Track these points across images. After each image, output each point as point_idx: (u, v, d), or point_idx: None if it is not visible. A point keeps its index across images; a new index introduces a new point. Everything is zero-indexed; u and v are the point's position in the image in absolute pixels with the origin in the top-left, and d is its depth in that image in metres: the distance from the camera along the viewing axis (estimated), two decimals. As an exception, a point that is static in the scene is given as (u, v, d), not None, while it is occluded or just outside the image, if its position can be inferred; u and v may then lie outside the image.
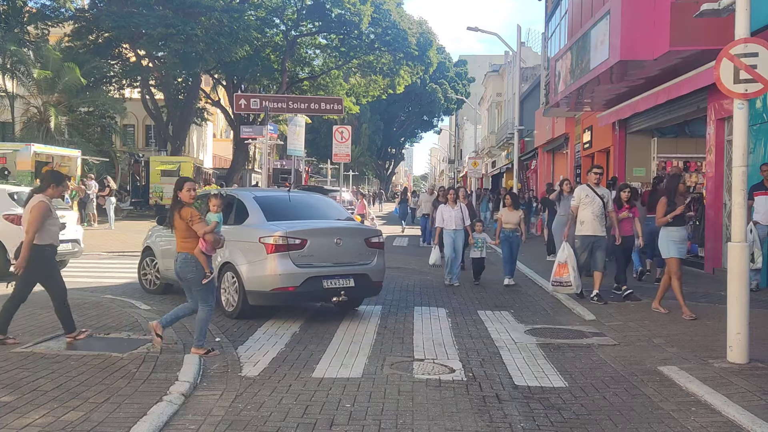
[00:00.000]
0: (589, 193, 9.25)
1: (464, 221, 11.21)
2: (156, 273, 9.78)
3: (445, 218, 11.20)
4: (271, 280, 7.78)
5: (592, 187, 9.32)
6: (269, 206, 8.64)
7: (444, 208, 11.36)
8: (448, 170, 79.24)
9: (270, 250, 7.78)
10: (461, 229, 11.21)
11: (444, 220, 11.20)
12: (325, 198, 10.58)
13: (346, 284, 8.08)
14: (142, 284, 10.10)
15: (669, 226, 8.10)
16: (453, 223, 11.12)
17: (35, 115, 27.10)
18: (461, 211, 11.22)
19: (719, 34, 8.86)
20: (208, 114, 40.59)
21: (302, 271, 7.84)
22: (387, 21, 35.82)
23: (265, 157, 22.71)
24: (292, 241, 7.84)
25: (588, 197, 9.21)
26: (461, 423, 4.64)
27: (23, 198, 11.20)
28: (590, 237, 9.16)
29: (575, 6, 16.53)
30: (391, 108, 65.00)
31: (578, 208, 9.30)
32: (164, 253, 9.48)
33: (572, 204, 9.54)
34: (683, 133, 15.37)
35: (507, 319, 8.41)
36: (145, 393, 4.96)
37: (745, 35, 6.06)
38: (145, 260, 10.01)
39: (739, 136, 6.13)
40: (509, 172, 34.71)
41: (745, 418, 4.64)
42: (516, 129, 24.40)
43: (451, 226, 11.14)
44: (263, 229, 8.03)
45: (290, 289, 7.81)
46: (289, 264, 7.79)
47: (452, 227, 11.14)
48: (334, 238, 8.19)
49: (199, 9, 29.05)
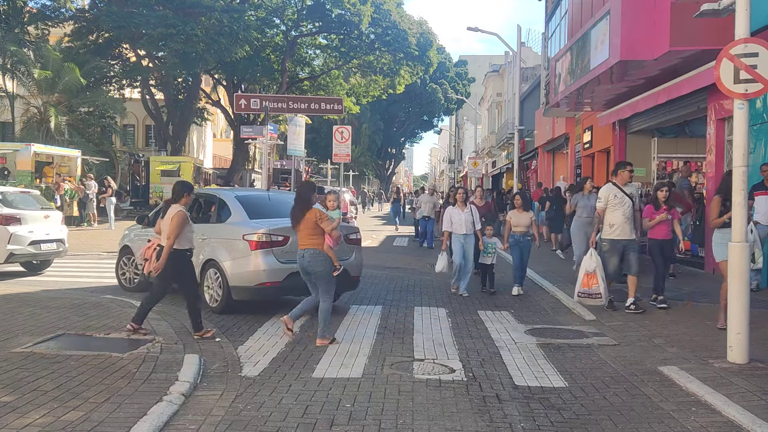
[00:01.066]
0: (617, 193, 8.38)
1: (474, 225, 10.14)
2: (135, 271, 10.01)
3: (454, 222, 10.09)
4: (256, 275, 8.07)
5: (620, 186, 8.46)
6: (251, 205, 8.92)
7: (453, 210, 10.21)
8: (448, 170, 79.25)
9: (254, 247, 8.07)
10: (471, 234, 10.12)
11: (452, 223, 10.10)
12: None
13: None
14: (120, 283, 10.26)
15: (724, 228, 7.09)
16: (462, 227, 10.03)
17: (35, 115, 27.11)
18: (471, 214, 10.16)
19: (719, 34, 8.86)
20: (208, 114, 40.58)
21: (285, 266, 8.08)
22: (387, 21, 35.82)
23: (265, 157, 22.70)
24: (275, 238, 8.13)
25: (617, 198, 8.36)
26: (461, 423, 4.64)
27: (9, 199, 11.41)
28: (621, 241, 8.39)
29: (575, 6, 16.53)
30: (391, 108, 65.00)
31: (605, 210, 8.46)
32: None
33: (598, 206, 8.61)
34: (683, 133, 15.37)
35: (507, 319, 8.40)
36: (145, 393, 4.96)
37: (745, 35, 6.06)
38: (123, 259, 10.20)
39: (740, 136, 6.13)
40: (509, 172, 34.71)
41: (745, 418, 4.64)
42: (516, 129, 24.40)
43: (460, 230, 10.04)
44: (247, 227, 8.31)
45: (274, 284, 8.11)
46: (272, 260, 8.08)
47: (462, 232, 10.04)
48: None
49: (199, 9, 29.04)
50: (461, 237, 10.08)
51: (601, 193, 8.65)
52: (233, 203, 8.85)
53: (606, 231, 8.51)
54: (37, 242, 11.35)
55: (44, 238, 11.49)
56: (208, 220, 9.11)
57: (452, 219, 10.11)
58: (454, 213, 10.15)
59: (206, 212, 9.39)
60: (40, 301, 8.74)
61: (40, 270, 12.08)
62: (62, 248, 12.03)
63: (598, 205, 8.68)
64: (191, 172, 29.01)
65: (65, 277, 11.53)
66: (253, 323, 7.83)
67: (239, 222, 8.52)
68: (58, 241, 11.88)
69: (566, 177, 22.83)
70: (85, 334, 6.86)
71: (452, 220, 10.10)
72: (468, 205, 10.28)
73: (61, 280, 11.13)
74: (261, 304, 8.88)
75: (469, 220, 10.10)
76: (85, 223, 23.01)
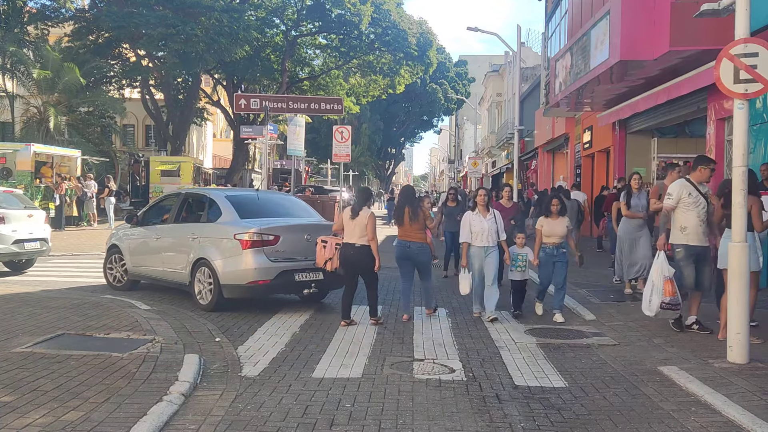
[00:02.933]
0: (692, 192, 7.20)
1: (499, 234, 8.35)
2: (122, 270, 10.14)
3: (474, 230, 8.32)
4: (247, 274, 8.24)
5: (695, 184, 7.27)
6: (241, 205, 9.06)
7: (473, 217, 8.39)
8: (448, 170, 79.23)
9: (245, 246, 8.25)
10: (495, 246, 8.35)
11: (472, 233, 8.33)
12: (291, 197, 11.15)
13: (316, 277, 8.59)
14: (108, 281, 10.37)
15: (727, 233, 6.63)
16: (484, 238, 8.27)
17: (35, 115, 27.11)
18: (495, 221, 8.35)
19: (719, 34, 8.86)
20: (208, 114, 40.57)
21: (276, 265, 8.34)
22: (387, 21, 35.79)
23: (265, 157, 22.70)
24: (266, 237, 8.33)
25: (691, 196, 7.19)
26: (461, 423, 4.64)
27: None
28: (696, 247, 7.19)
29: (575, 6, 16.54)
30: (391, 108, 64.95)
31: (674, 209, 7.31)
32: (134, 251, 9.95)
33: (667, 203, 7.35)
34: (683, 133, 15.38)
35: (507, 319, 8.40)
36: (145, 393, 4.96)
37: (745, 35, 6.06)
38: (111, 258, 10.33)
39: (739, 136, 6.13)
40: (509, 172, 34.72)
41: (745, 418, 4.64)
42: (516, 129, 24.37)
43: (481, 241, 8.28)
44: (238, 227, 8.47)
45: (265, 282, 8.30)
46: (263, 258, 8.27)
47: (483, 243, 8.27)
48: (304, 235, 8.69)
49: (199, 9, 29.02)
50: (482, 251, 8.28)
51: (672, 189, 7.39)
52: (224, 203, 8.98)
53: (677, 235, 7.30)
54: (21, 241, 11.52)
55: (28, 237, 11.68)
56: (199, 220, 9.25)
57: (472, 227, 8.33)
58: (475, 220, 8.35)
59: (196, 212, 9.54)
60: (40, 301, 8.73)
61: (24, 269, 12.20)
62: (45, 247, 12.23)
63: (667, 203, 7.39)
64: (191, 172, 28.98)
65: (65, 277, 11.53)
66: (253, 323, 7.83)
67: (230, 221, 8.66)
68: (42, 240, 12.08)
69: (566, 177, 22.84)
70: (85, 334, 6.85)
71: (471, 229, 8.33)
72: (491, 211, 8.48)
73: (61, 280, 11.14)
74: (261, 304, 8.89)
75: (493, 228, 8.30)
76: (84, 223, 23.02)
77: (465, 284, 8.27)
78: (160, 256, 9.44)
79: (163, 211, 10.11)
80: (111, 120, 30.78)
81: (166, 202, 10.33)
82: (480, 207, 8.42)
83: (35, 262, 12.50)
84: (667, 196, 7.42)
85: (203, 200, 9.42)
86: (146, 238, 9.80)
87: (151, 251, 9.62)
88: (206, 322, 7.71)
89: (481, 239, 8.29)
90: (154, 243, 9.60)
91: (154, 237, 9.63)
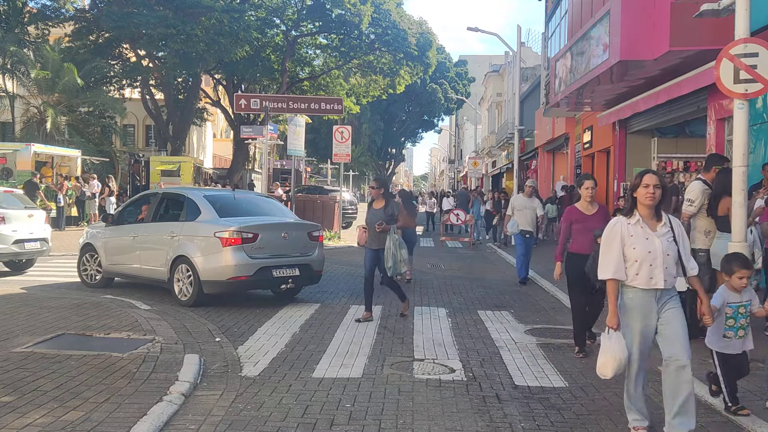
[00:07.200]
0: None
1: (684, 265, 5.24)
2: (97, 268, 10.33)
3: (630, 256, 5.52)
4: (227, 270, 8.53)
5: (710, 184, 6.82)
6: (219, 204, 9.31)
7: (625, 229, 5.31)
8: (448, 170, 79.26)
9: (225, 244, 8.53)
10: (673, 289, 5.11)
11: (626, 261, 4.95)
12: (267, 198, 11.47)
13: (293, 273, 9.00)
14: (82, 279, 10.52)
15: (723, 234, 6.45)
16: (657, 272, 4.78)
17: (35, 115, 27.11)
18: (675, 238, 5.12)
19: (719, 34, 8.86)
20: (208, 114, 40.57)
21: (254, 261, 8.66)
22: (387, 21, 35.78)
23: (265, 157, 22.72)
24: (245, 235, 8.63)
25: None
26: (461, 423, 4.64)
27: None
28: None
29: (575, 6, 16.53)
30: (391, 108, 64.96)
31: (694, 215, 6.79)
32: (110, 250, 10.14)
33: (688, 209, 6.78)
34: (683, 133, 15.36)
35: (507, 319, 8.41)
36: (145, 393, 4.96)
37: (745, 35, 6.07)
38: (85, 256, 10.50)
39: (739, 136, 6.14)
40: (509, 172, 34.72)
41: (745, 418, 4.64)
42: (516, 129, 24.40)
43: (647, 279, 4.73)
44: (218, 225, 8.74)
45: (244, 278, 8.61)
46: (243, 256, 8.57)
47: (654, 284, 4.42)
48: (282, 233, 9.09)
49: (199, 9, 29.02)
50: (652, 297, 4.44)
51: (691, 194, 6.79)
52: (202, 202, 9.21)
53: (701, 239, 6.80)
54: (21, 241, 11.53)
55: (28, 237, 11.70)
56: (177, 219, 9.42)
57: (625, 250, 5.04)
58: (639, 236, 5.48)
59: (174, 211, 9.70)
60: (40, 301, 8.74)
61: (24, 269, 12.20)
62: (45, 247, 12.24)
63: (687, 209, 6.80)
64: (191, 172, 29.00)
65: (65, 277, 11.53)
66: (253, 323, 7.83)
67: (209, 220, 8.90)
68: (42, 240, 12.09)
69: (566, 177, 22.83)
70: (85, 334, 6.85)
71: (625, 253, 4.96)
72: (664, 217, 6.21)
73: (61, 280, 11.14)
74: (261, 304, 8.91)
75: (671, 252, 6.10)
76: (84, 223, 23.01)
77: (609, 359, 4.38)
78: (137, 254, 9.62)
79: (138, 211, 10.25)
80: (111, 120, 30.76)
81: (142, 202, 10.45)
82: (643, 210, 4.49)
83: (35, 262, 12.51)
84: (688, 202, 6.83)
85: (181, 200, 9.60)
86: (122, 237, 9.95)
87: (128, 249, 9.79)
88: (206, 322, 7.71)
89: (648, 273, 4.39)
90: (130, 241, 9.75)
91: (130, 235, 9.78)
